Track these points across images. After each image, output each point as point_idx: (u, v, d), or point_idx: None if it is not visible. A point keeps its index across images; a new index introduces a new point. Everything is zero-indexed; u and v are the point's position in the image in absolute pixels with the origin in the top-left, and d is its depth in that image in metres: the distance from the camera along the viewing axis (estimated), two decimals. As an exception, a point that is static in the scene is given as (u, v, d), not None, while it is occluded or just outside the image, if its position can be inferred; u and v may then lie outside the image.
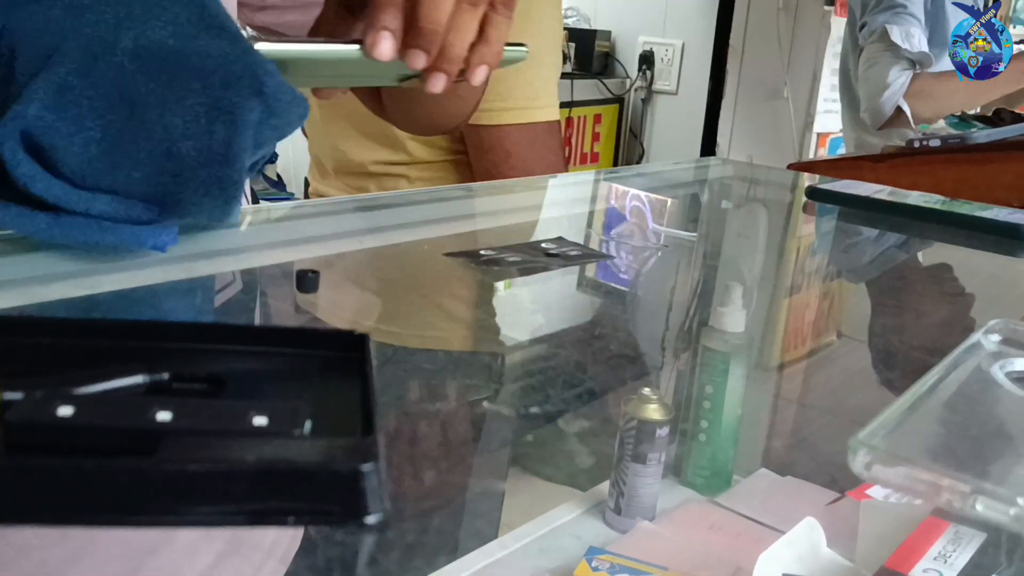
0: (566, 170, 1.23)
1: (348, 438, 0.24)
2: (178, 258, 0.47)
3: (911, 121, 1.81)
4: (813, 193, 0.86)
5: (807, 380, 0.65)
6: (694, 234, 0.73)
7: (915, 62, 1.86)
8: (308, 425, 0.23)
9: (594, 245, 0.65)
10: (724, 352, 0.79)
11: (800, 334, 0.73)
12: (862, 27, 1.96)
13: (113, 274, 0.43)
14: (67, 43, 0.42)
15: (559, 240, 0.58)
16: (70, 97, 0.41)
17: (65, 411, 0.22)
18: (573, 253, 0.55)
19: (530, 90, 1.14)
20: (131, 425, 0.23)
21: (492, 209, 0.77)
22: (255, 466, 0.21)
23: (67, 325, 0.30)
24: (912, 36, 1.85)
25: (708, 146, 3.14)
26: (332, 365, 0.29)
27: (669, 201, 0.91)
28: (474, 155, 1.18)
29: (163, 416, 0.23)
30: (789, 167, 1.25)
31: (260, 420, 0.23)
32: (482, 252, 0.55)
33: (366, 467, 0.21)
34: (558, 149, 1.20)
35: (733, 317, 0.78)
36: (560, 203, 0.82)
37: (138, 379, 0.26)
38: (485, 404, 0.36)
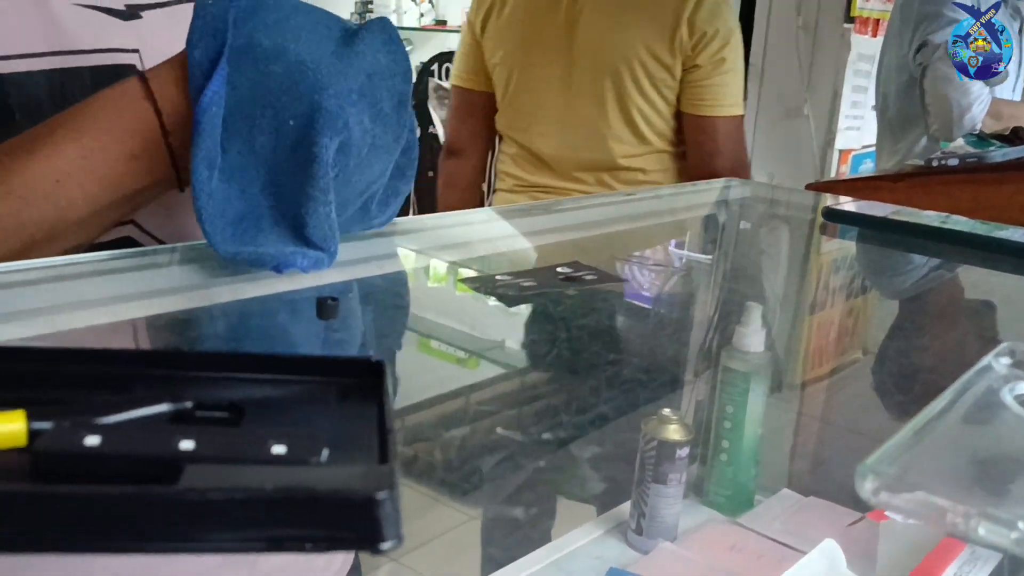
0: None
1: (364, 466, 0.25)
2: (210, 283, 0.48)
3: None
4: (830, 214, 0.86)
5: (829, 399, 0.65)
6: (709, 256, 0.73)
7: None
8: (325, 453, 0.24)
9: (612, 268, 0.66)
10: (744, 372, 0.79)
11: (820, 354, 0.73)
12: (919, 48, 1.94)
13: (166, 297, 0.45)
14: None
15: (575, 264, 0.58)
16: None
17: (92, 440, 0.23)
18: (589, 277, 0.56)
19: (737, 91, 1.60)
20: (155, 454, 0.23)
21: (510, 232, 0.78)
22: (274, 494, 0.22)
23: (94, 354, 0.31)
24: None
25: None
26: (350, 392, 0.30)
27: (687, 223, 0.91)
28: (695, 140, 1.60)
29: (186, 445, 0.23)
30: (807, 188, 1.25)
31: (279, 448, 0.24)
32: (498, 277, 0.55)
33: (381, 495, 0.22)
34: (745, 139, 1.66)
35: (753, 337, 0.78)
36: (578, 226, 0.83)
37: (162, 408, 0.27)
38: (499, 431, 0.36)
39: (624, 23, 1.56)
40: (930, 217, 0.78)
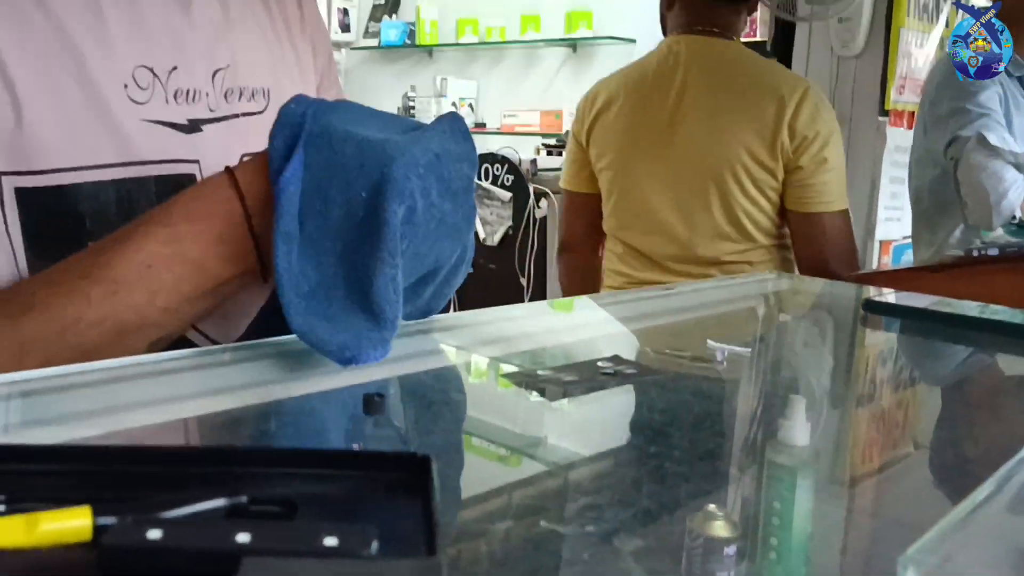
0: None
1: (413, 558, 0.26)
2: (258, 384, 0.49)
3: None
4: (870, 305, 0.86)
5: (879, 493, 0.64)
6: (750, 349, 0.73)
7: (1019, 164, 1.88)
8: (375, 545, 0.25)
9: (653, 362, 0.67)
10: (790, 466, 0.78)
11: (867, 447, 0.72)
12: (950, 143, 1.97)
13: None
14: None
15: (615, 359, 0.59)
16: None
17: (154, 534, 0.24)
18: (629, 371, 0.57)
19: (840, 187, 1.68)
20: (214, 547, 0.24)
21: (550, 328, 0.79)
22: (326, 585, 0.23)
23: (154, 453, 0.32)
24: (1006, 139, 1.88)
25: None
26: (397, 486, 0.31)
27: (727, 316, 0.92)
28: (801, 236, 1.68)
29: (242, 538, 0.24)
30: (846, 279, 1.25)
31: (331, 541, 0.24)
32: (539, 372, 0.56)
33: (429, 586, 0.23)
34: (850, 231, 1.73)
35: (798, 431, 0.77)
36: (619, 320, 0.84)
37: (219, 503, 0.28)
38: (543, 527, 0.37)
39: (725, 128, 1.66)
40: (970, 307, 0.78)
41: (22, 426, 0.44)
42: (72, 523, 0.26)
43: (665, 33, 1.82)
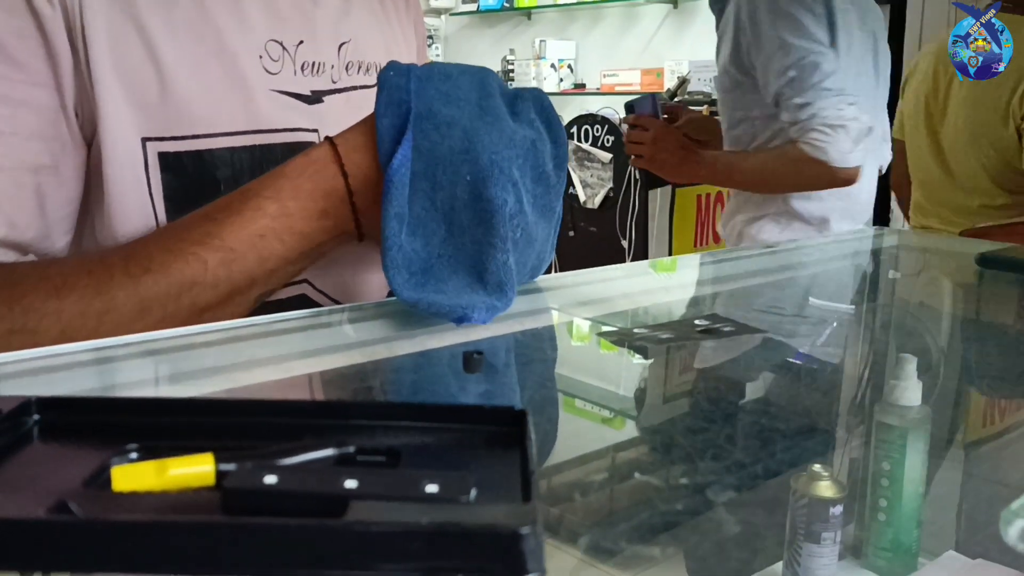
0: None
1: (509, 504, 0.27)
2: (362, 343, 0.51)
3: None
4: (984, 260, 0.82)
5: (997, 456, 0.62)
6: (857, 307, 0.72)
7: None
8: (474, 492, 0.26)
9: (751, 320, 0.66)
10: (901, 427, 0.76)
11: (982, 408, 0.69)
12: None
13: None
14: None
15: (712, 316, 0.59)
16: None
17: (270, 479, 0.26)
18: (727, 329, 0.56)
19: None
20: (323, 491, 0.26)
21: (649, 288, 0.79)
22: (428, 528, 0.24)
23: (270, 406, 0.34)
24: None
25: (882, 215, 3.01)
26: (495, 439, 0.32)
27: (833, 273, 0.90)
28: None
29: (350, 484, 0.26)
30: (961, 234, 1.19)
31: (432, 488, 0.26)
32: (636, 330, 0.57)
33: (525, 530, 0.24)
34: None
35: (909, 390, 0.75)
36: (720, 279, 0.83)
37: (328, 452, 0.30)
38: (646, 493, 0.37)
39: (976, 96, 1.98)
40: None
41: (153, 382, 0.47)
42: (197, 468, 0.28)
43: None
